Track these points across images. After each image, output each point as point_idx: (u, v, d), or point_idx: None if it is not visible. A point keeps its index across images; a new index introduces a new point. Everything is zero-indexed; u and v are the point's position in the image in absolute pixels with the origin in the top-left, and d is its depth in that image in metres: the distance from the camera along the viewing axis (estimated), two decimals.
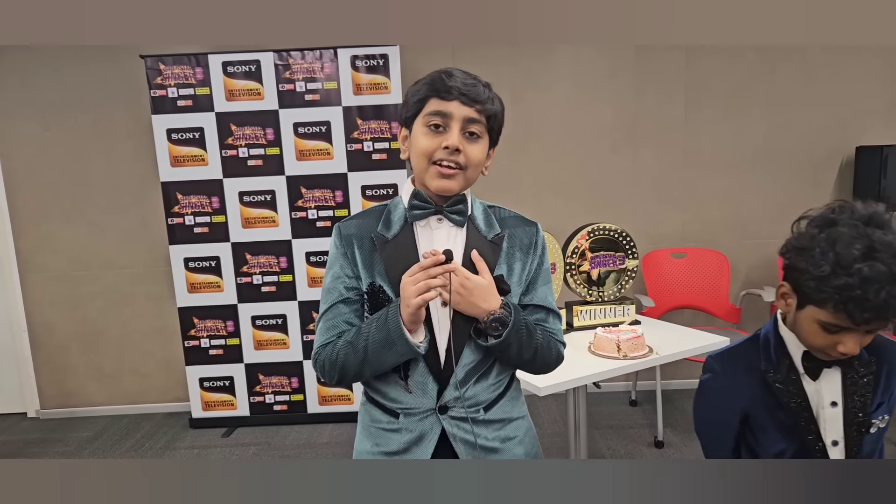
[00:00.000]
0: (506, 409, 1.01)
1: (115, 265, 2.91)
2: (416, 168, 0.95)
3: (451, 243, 0.96)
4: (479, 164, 0.95)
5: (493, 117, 0.94)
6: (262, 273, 2.71)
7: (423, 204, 0.95)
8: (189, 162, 2.63)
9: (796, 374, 0.93)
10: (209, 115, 2.60)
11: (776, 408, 0.94)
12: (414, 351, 0.90)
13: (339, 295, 0.97)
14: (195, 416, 2.84)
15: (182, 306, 2.73)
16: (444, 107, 0.90)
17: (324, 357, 0.96)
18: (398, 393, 0.97)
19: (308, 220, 2.68)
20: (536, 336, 0.96)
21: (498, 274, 0.96)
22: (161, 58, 2.56)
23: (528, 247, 1.00)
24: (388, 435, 0.98)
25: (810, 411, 0.92)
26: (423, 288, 0.86)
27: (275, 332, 2.76)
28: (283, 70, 2.58)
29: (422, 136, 0.92)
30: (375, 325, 0.91)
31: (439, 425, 0.96)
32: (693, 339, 2.09)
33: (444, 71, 0.92)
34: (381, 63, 2.58)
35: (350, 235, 0.97)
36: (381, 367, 0.93)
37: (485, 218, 1.00)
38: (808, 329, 0.88)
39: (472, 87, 0.91)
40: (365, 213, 1.01)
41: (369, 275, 0.95)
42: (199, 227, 2.68)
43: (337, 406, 2.83)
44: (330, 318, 0.97)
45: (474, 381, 0.97)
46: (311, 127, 2.62)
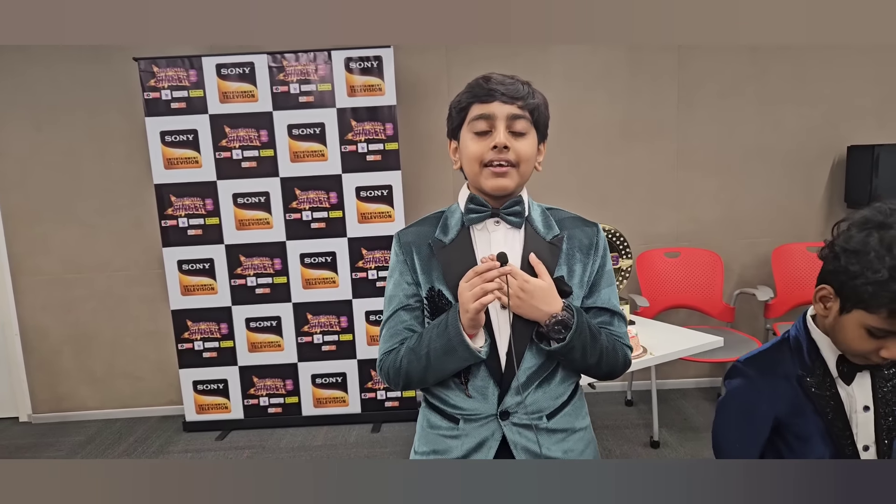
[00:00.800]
0: (569, 419, 0.99)
1: (109, 268, 2.90)
2: (470, 174, 0.95)
3: (509, 245, 0.95)
4: (530, 159, 0.94)
5: (535, 110, 0.93)
6: (257, 275, 2.70)
7: (479, 207, 0.95)
8: (183, 164, 2.63)
9: (831, 379, 0.91)
10: (203, 117, 2.59)
11: (812, 414, 0.91)
12: (475, 356, 0.89)
13: (400, 302, 0.98)
14: (189, 420, 2.82)
15: (175, 309, 2.72)
16: (486, 109, 0.91)
17: (388, 364, 0.96)
18: (458, 398, 0.96)
19: (302, 221, 2.67)
20: (601, 340, 0.94)
21: (558, 275, 0.95)
22: (155, 60, 2.56)
23: (588, 248, 0.98)
24: (447, 441, 0.97)
25: (845, 416, 0.91)
26: (480, 293, 0.86)
27: (269, 335, 2.75)
28: (277, 72, 2.58)
29: (470, 141, 0.93)
30: (436, 332, 0.91)
31: (500, 432, 0.95)
32: (687, 338, 2.10)
33: (481, 77, 0.93)
34: (375, 65, 2.58)
35: (409, 243, 0.98)
36: (443, 373, 0.93)
37: (543, 219, 0.99)
38: (853, 334, 0.85)
39: (510, 86, 0.91)
40: (423, 221, 1.02)
41: (428, 280, 0.96)
42: (193, 230, 2.67)
43: (332, 408, 2.81)
44: (392, 326, 0.98)
45: (536, 387, 0.95)
46: (305, 129, 2.62)
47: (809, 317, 0.96)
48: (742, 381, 0.97)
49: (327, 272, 2.71)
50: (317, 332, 2.75)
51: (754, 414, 0.95)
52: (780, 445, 0.96)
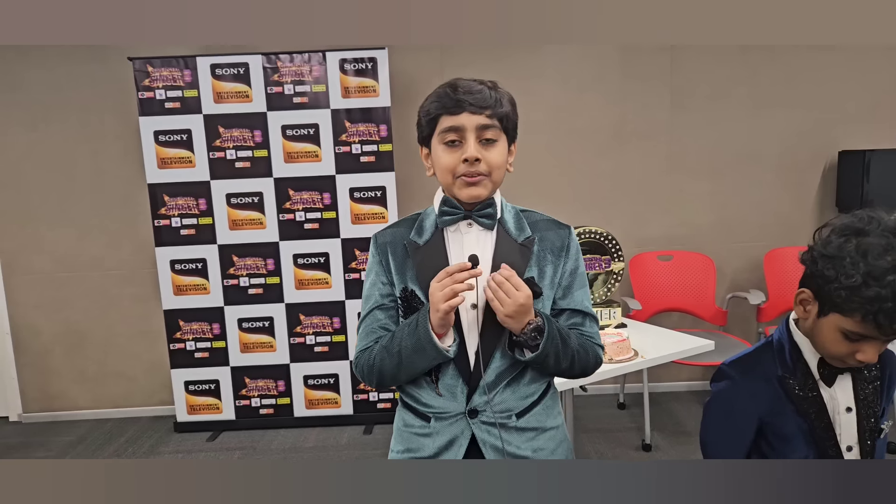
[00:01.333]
0: (539, 418, 1.00)
1: (101, 267, 2.89)
2: (443, 183, 0.97)
3: (481, 247, 0.97)
4: (501, 166, 0.96)
5: (504, 118, 0.94)
6: (249, 275, 2.70)
7: (452, 210, 0.97)
8: (176, 164, 2.63)
9: (813, 381, 0.93)
10: (197, 117, 2.60)
11: (794, 414, 0.93)
12: (443, 355, 0.92)
13: (376, 302, 1.00)
14: (180, 420, 2.81)
15: (168, 308, 2.71)
16: (455, 121, 0.92)
17: (363, 362, 0.99)
18: (430, 397, 0.98)
19: (296, 222, 2.67)
20: (571, 343, 0.95)
21: (529, 276, 0.97)
22: (149, 60, 2.56)
23: (559, 249, 1.00)
24: (419, 439, 1.00)
25: (828, 417, 0.92)
26: (450, 294, 0.87)
27: (261, 335, 2.74)
28: (272, 73, 2.59)
29: (441, 153, 0.95)
30: (407, 331, 0.93)
31: (469, 430, 0.97)
32: (679, 342, 2.10)
33: (448, 85, 0.94)
34: (370, 66, 2.59)
35: (385, 244, 1.01)
36: (414, 372, 0.96)
37: (515, 221, 1.01)
38: (829, 337, 0.88)
39: (478, 95, 0.92)
40: (400, 223, 1.04)
41: (402, 280, 0.98)
42: (186, 229, 2.67)
43: (324, 410, 2.81)
44: (368, 324, 1.00)
45: (505, 386, 0.97)
46: (299, 129, 2.62)
47: (792, 320, 0.98)
48: (726, 384, 0.99)
49: (320, 273, 2.71)
50: (309, 332, 2.75)
51: (737, 414, 0.97)
52: (763, 446, 0.98)
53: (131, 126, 2.74)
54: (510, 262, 0.95)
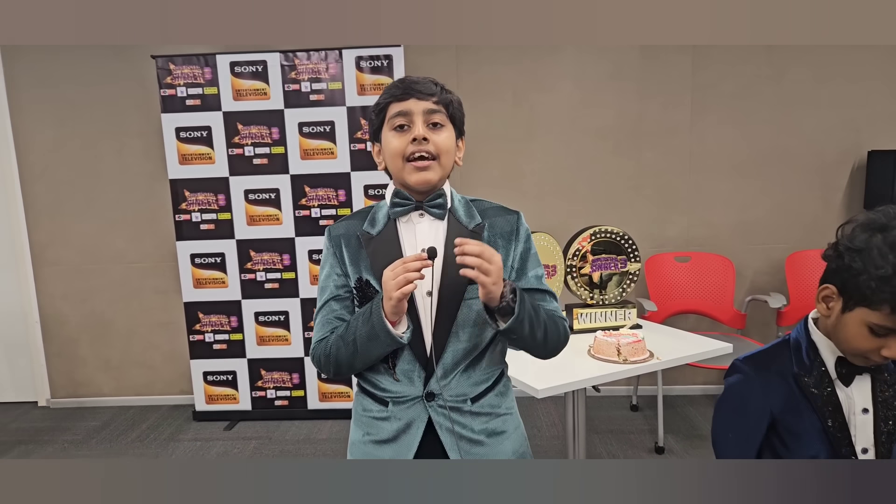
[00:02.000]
0: (493, 403, 1.04)
1: (125, 259, 2.98)
2: (394, 169, 1.00)
3: (434, 235, 1.00)
4: (449, 151, 0.99)
5: (450, 105, 0.99)
6: (266, 270, 2.75)
7: (403, 201, 1.00)
8: (197, 160, 2.68)
9: (829, 380, 0.93)
10: (217, 114, 2.64)
11: (809, 412, 0.93)
12: (397, 342, 0.94)
13: (331, 293, 1.03)
14: (198, 409, 2.88)
15: (188, 301, 2.78)
16: (403, 106, 0.96)
17: (319, 352, 1.02)
18: (387, 382, 1.01)
19: (311, 218, 2.71)
20: (541, 312, 0.98)
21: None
22: (171, 58, 2.61)
23: (509, 234, 1.03)
24: (378, 423, 1.02)
25: (843, 417, 0.92)
26: (403, 282, 0.89)
27: (277, 329, 2.79)
28: (290, 70, 2.61)
29: (391, 138, 0.98)
30: (361, 320, 0.95)
31: (426, 413, 1.00)
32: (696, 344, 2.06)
33: (397, 80, 1.00)
34: (386, 64, 2.60)
35: (339, 236, 1.03)
36: (370, 359, 0.98)
37: (465, 210, 1.04)
38: (855, 332, 0.87)
39: (424, 84, 0.97)
40: (353, 215, 1.07)
41: (356, 270, 1.01)
42: (206, 224, 2.72)
43: (337, 403, 2.85)
44: (323, 315, 1.03)
45: (461, 371, 1.00)
46: (315, 126, 2.65)
47: (811, 319, 0.97)
48: (738, 377, 0.99)
49: None
50: None
51: (749, 409, 0.97)
52: (775, 442, 0.97)
53: (154, 123, 2.80)
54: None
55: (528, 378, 1.58)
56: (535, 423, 2.75)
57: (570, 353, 1.83)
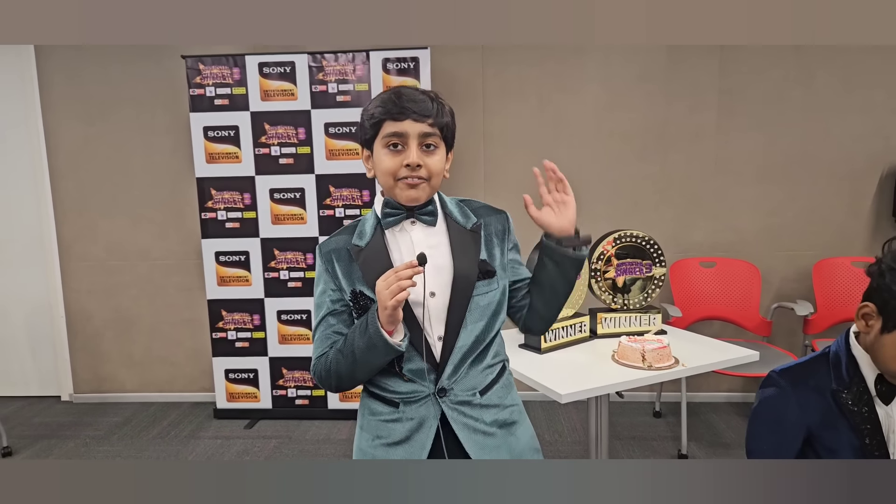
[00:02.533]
0: (500, 395, 1.07)
1: (150, 256, 3.02)
2: (384, 184, 1.03)
3: (431, 239, 1.04)
4: (439, 173, 1.02)
5: (445, 127, 1.01)
6: (289, 269, 2.77)
7: (394, 210, 1.03)
8: (224, 159, 2.71)
9: (868, 396, 0.91)
10: (244, 114, 2.67)
11: (846, 429, 0.92)
12: (395, 350, 0.96)
13: (327, 308, 1.05)
14: (220, 407, 2.90)
15: (211, 298, 2.81)
16: (398, 127, 0.97)
17: (320, 368, 1.03)
18: (396, 383, 1.03)
19: (335, 218, 2.72)
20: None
21: (482, 258, 1.04)
22: (201, 58, 2.65)
23: (502, 233, 1.09)
24: (388, 426, 1.03)
25: (882, 436, 0.91)
26: (396, 290, 0.91)
27: (299, 328, 2.81)
28: (317, 72, 2.64)
29: (384, 156, 0.99)
30: (358, 332, 0.97)
31: (438, 409, 1.01)
32: (721, 351, 2.04)
33: (393, 92, 0.99)
34: (412, 66, 2.61)
35: (329, 251, 1.05)
36: (370, 370, 1.00)
37: (460, 211, 1.08)
38: (892, 353, 0.86)
39: (422, 104, 0.98)
40: (341, 231, 1.10)
41: (350, 283, 1.03)
42: (231, 223, 2.75)
43: (357, 403, 2.84)
44: (321, 331, 1.05)
45: (469, 364, 1.03)
46: (341, 127, 2.67)
47: (853, 333, 0.96)
48: (774, 391, 0.98)
49: None
50: None
51: (784, 423, 0.96)
52: (810, 457, 0.96)
53: (182, 122, 2.84)
54: (465, 247, 1.03)
55: (551, 383, 1.57)
56: (556, 428, 2.73)
57: (593, 357, 1.82)
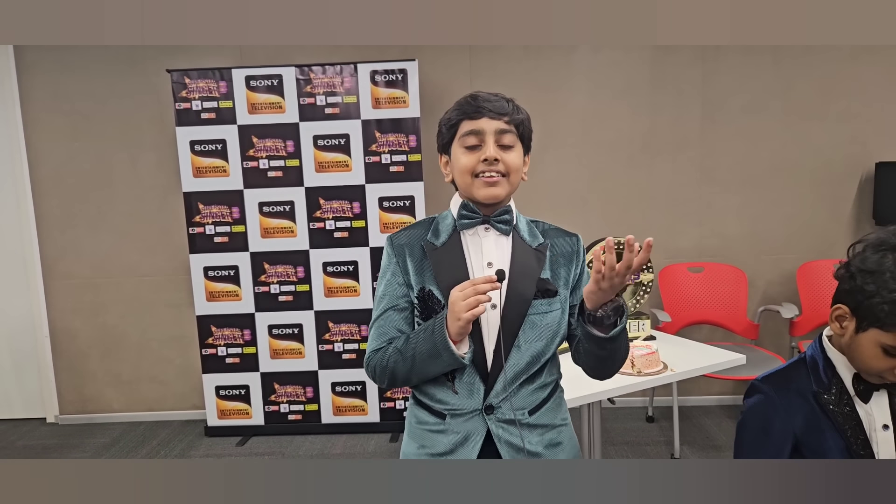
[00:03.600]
0: (550, 416, 1.04)
1: (137, 273, 2.97)
2: (462, 184, 1.01)
3: (498, 251, 1.02)
4: (518, 170, 1.01)
5: (521, 125, 1.00)
6: (280, 282, 2.74)
7: (471, 214, 1.01)
8: (211, 173, 2.69)
9: (848, 396, 0.93)
10: (231, 127, 2.66)
11: (831, 431, 0.93)
12: (459, 362, 0.95)
13: (390, 302, 1.03)
14: (210, 425, 2.86)
15: (201, 314, 2.77)
16: (475, 125, 0.97)
17: (375, 362, 1.01)
18: (445, 394, 1.00)
19: (325, 230, 2.71)
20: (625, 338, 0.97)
21: (544, 277, 1.02)
22: (186, 72, 2.63)
23: (570, 255, 1.06)
24: (434, 436, 1.01)
25: (864, 434, 0.92)
26: (473, 303, 0.89)
27: (290, 342, 2.78)
28: (305, 84, 2.64)
29: (461, 155, 0.99)
30: (423, 336, 0.96)
31: (485, 426, 0.99)
32: (709, 355, 2.07)
33: (469, 96, 1.00)
34: (400, 77, 2.62)
35: (402, 245, 1.04)
36: (427, 376, 0.99)
37: (528, 229, 1.06)
38: (869, 353, 0.88)
39: (497, 103, 0.98)
40: (415, 225, 1.08)
41: (420, 280, 1.01)
42: (220, 237, 2.72)
43: (351, 417, 2.83)
44: (381, 325, 1.03)
45: (521, 384, 1.00)
46: (330, 139, 2.66)
47: (825, 336, 0.98)
48: (759, 398, 0.99)
49: (349, 281, 2.74)
50: (338, 340, 2.78)
51: (771, 430, 0.96)
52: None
53: (168, 136, 2.81)
54: (526, 265, 1.00)
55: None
56: None
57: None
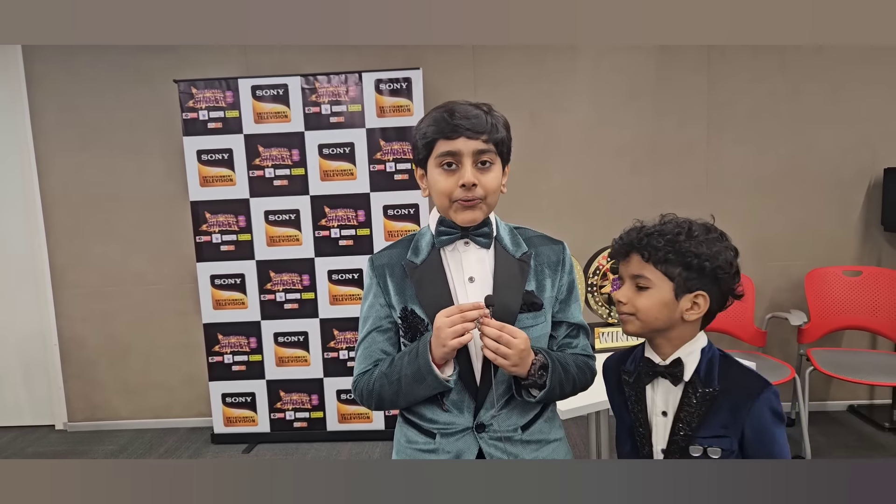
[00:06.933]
0: (543, 431, 1.03)
1: (144, 281, 2.99)
2: (439, 205, 1.00)
3: (480, 265, 1.00)
4: (496, 191, 0.98)
5: (500, 143, 0.97)
6: (286, 290, 2.76)
7: (449, 230, 1.00)
8: (218, 182, 2.71)
9: (642, 381, 0.98)
10: (238, 136, 2.68)
11: (624, 407, 1.00)
12: (443, 385, 0.93)
13: (374, 324, 1.02)
14: (217, 432, 2.87)
15: (207, 322, 2.79)
16: (452, 146, 0.93)
17: (362, 385, 1.01)
18: (434, 413, 0.99)
19: (331, 238, 2.72)
20: (571, 368, 0.99)
21: (529, 289, 0.99)
22: (193, 82, 2.66)
23: (556, 264, 1.03)
24: (424, 455, 1.00)
25: (646, 415, 0.96)
26: (460, 331, 0.89)
27: (296, 349, 2.79)
28: (310, 93, 2.65)
29: (438, 176, 0.96)
30: (407, 359, 0.95)
31: (476, 445, 0.98)
32: None
33: (445, 109, 0.94)
34: (404, 86, 2.64)
35: (382, 265, 1.02)
36: (414, 399, 0.98)
37: (511, 238, 1.04)
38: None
39: (474, 121, 0.93)
40: (395, 245, 1.06)
41: (402, 300, 1.00)
42: (226, 245, 2.74)
43: (356, 424, 2.83)
44: (366, 347, 1.02)
45: (510, 400, 0.99)
46: (335, 148, 2.68)
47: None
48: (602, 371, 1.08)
49: (354, 289, 2.74)
50: (342, 347, 2.78)
51: (610, 398, 1.06)
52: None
53: (175, 146, 2.84)
54: (510, 277, 0.98)
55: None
56: None
57: None
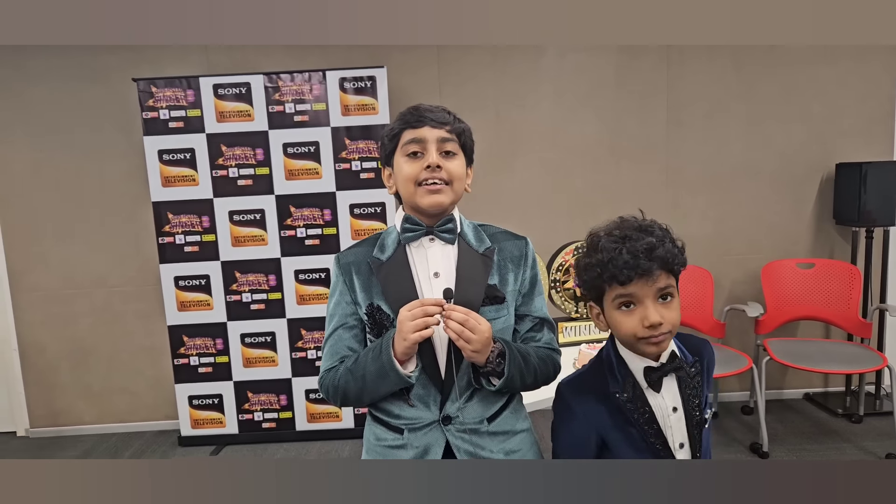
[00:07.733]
0: (509, 422, 1.05)
1: (106, 284, 2.94)
2: (406, 194, 1.01)
3: (444, 260, 1.02)
4: (461, 178, 1.02)
5: (462, 134, 1.02)
6: (252, 291, 2.74)
7: (414, 226, 1.02)
8: (180, 182, 2.67)
9: (640, 390, 0.96)
10: (200, 136, 2.64)
11: (627, 425, 0.96)
12: (406, 381, 0.95)
13: (340, 321, 1.04)
14: (184, 435, 2.84)
15: (172, 324, 2.75)
16: (417, 134, 0.98)
17: (328, 382, 1.02)
18: (401, 408, 1.01)
19: (297, 238, 2.71)
20: (532, 359, 1.01)
21: (491, 283, 1.02)
22: (153, 80, 2.61)
23: (518, 259, 1.06)
24: (393, 452, 1.02)
25: (657, 422, 0.96)
26: (421, 325, 0.91)
27: (263, 350, 2.77)
28: (273, 92, 2.63)
29: (404, 164, 1.00)
30: (371, 356, 0.97)
31: (443, 437, 1.00)
32: None
33: (411, 107, 1.02)
34: (369, 85, 2.63)
35: (348, 263, 1.04)
36: (378, 395, 1.00)
37: (475, 234, 1.06)
38: (618, 320, 0.93)
39: (438, 113, 1.00)
40: (361, 243, 1.08)
41: (368, 297, 1.02)
42: (190, 246, 2.71)
43: (325, 423, 2.83)
44: (332, 344, 1.04)
45: (476, 391, 1.01)
46: (300, 147, 2.66)
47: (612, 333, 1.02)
48: (560, 406, 1.01)
49: (321, 288, 2.74)
50: (311, 347, 2.78)
51: (577, 434, 0.98)
52: (607, 458, 1.00)
53: (136, 145, 2.78)
54: (473, 271, 1.01)
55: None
56: None
57: None
